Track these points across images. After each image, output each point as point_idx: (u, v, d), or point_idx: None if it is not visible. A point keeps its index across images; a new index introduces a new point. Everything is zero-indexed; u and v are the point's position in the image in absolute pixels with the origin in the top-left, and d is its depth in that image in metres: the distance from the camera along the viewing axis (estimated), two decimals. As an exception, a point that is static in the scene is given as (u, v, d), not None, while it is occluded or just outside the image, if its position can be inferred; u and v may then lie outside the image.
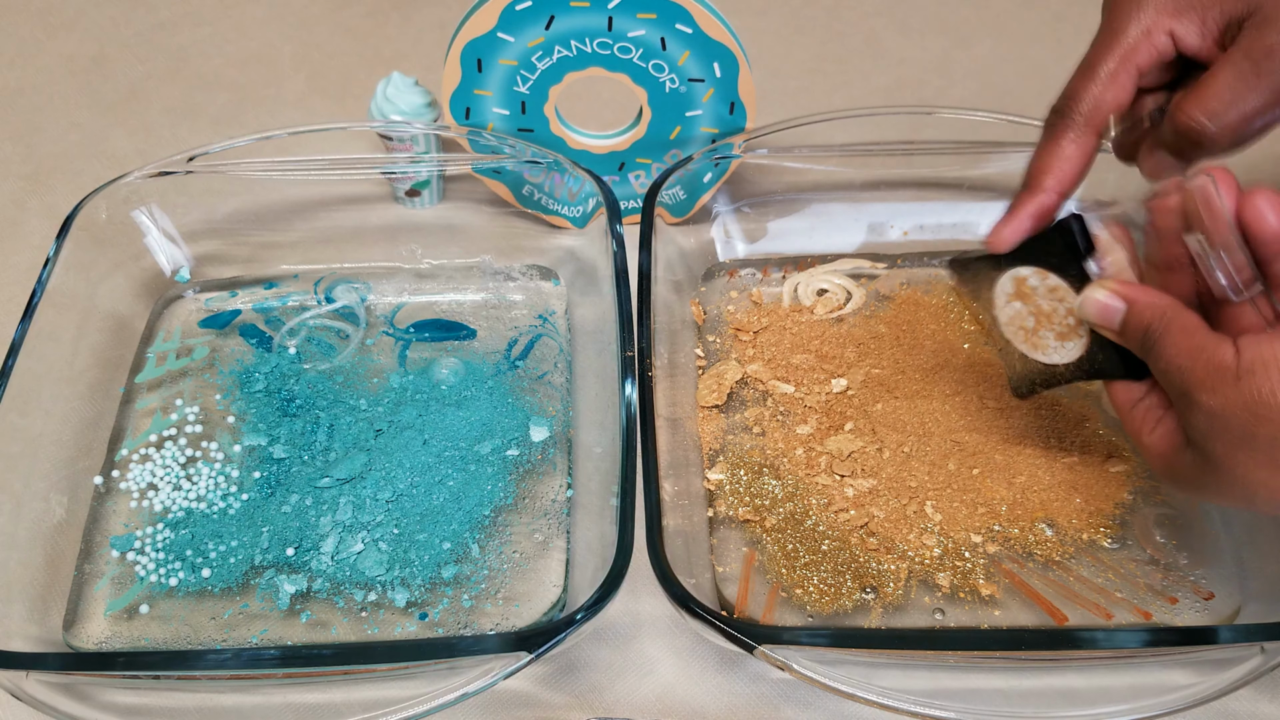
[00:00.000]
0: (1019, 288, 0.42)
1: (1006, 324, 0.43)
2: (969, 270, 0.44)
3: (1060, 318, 0.41)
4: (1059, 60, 0.72)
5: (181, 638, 0.45)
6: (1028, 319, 0.42)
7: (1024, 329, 0.42)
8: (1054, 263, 0.41)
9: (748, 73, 0.55)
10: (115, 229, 0.55)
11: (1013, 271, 0.42)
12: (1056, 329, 0.41)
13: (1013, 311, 0.42)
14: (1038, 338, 0.42)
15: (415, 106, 0.59)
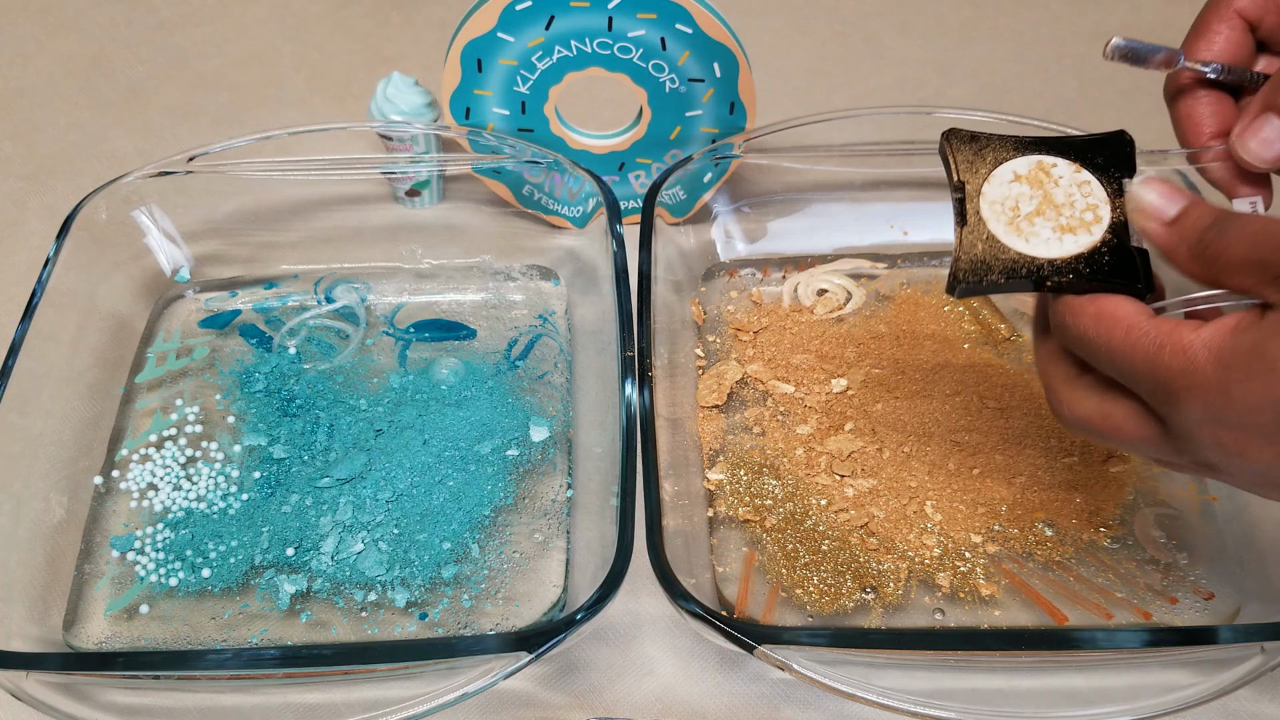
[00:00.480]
0: (1037, 171, 0.38)
1: (992, 201, 0.37)
2: (975, 142, 0.39)
3: (1076, 210, 0.36)
4: (1058, 60, 0.73)
5: (181, 638, 0.45)
6: (1027, 202, 0.37)
7: (1013, 210, 0.37)
8: (1097, 162, 0.37)
9: (748, 73, 0.55)
10: (115, 229, 0.55)
11: (1040, 156, 0.38)
12: (1063, 220, 0.36)
13: (1009, 191, 0.37)
14: (1028, 223, 0.37)
15: (415, 106, 0.59)
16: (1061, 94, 0.70)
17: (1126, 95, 0.69)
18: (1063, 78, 0.71)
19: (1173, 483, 0.49)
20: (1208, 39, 0.39)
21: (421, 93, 0.59)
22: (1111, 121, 0.71)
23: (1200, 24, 0.40)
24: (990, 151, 0.38)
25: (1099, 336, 0.33)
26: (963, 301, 0.56)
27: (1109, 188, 0.37)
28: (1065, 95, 0.70)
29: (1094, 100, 0.69)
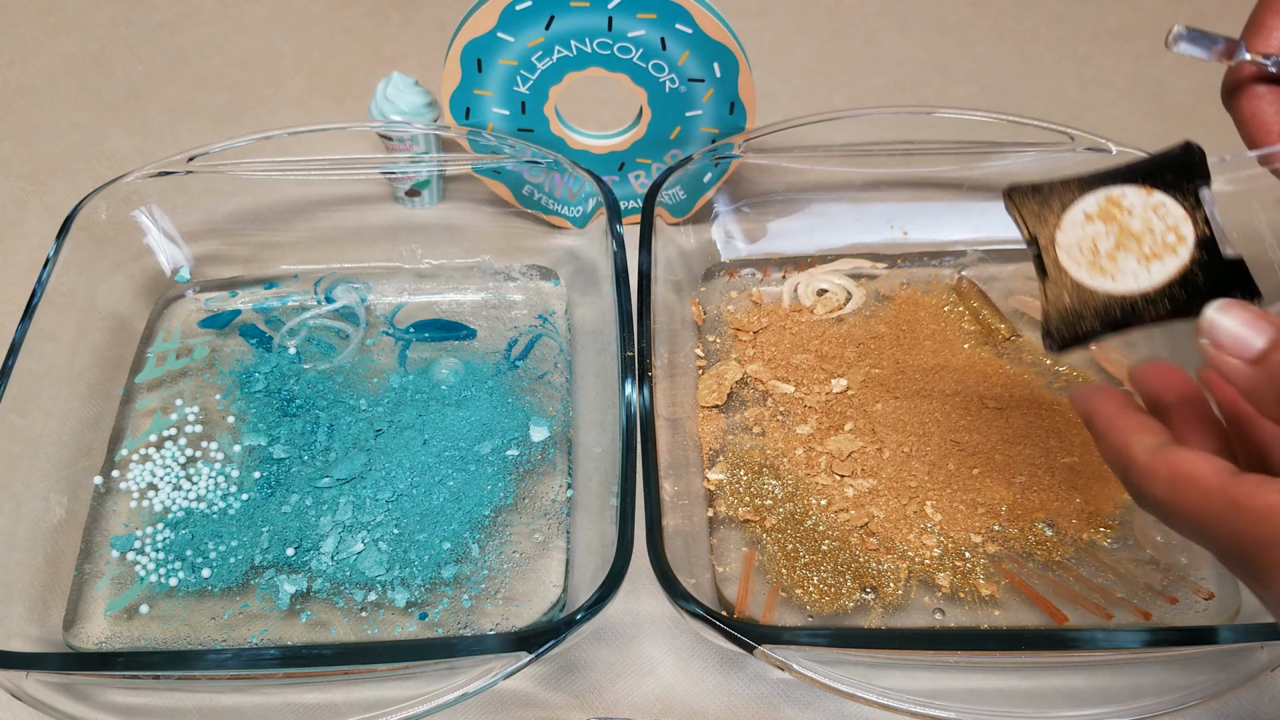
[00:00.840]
0: (1108, 207, 0.36)
1: (1068, 248, 0.35)
2: (1038, 193, 0.37)
3: (1157, 235, 0.35)
4: (1058, 60, 0.73)
5: (181, 638, 0.45)
6: (1105, 240, 0.35)
7: (1092, 252, 0.35)
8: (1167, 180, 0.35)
9: (748, 73, 0.55)
10: (115, 229, 0.55)
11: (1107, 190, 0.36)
12: (1145, 249, 0.35)
13: (1083, 233, 0.36)
14: (1110, 261, 0.35)
15: (415, 106, 0.59)
16: (1061, 94, 0.70)
17: (1126, 95, 0.69)
18: (1063, 77, 0.71)
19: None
20: (1264, 34, 0.39)
21: (421, 93, 0.59)
22: (1111, 120, 0.71)
23: (1256, 20, 0.39)
24: (1055, 198, 0.37)
25: (1177, 501, 0.29)
26: (962, 301, 0.56)
27: (1185, 203, 0.35)
28: (1065, 95, 0.70)
29: (1094, 100, 0.69)
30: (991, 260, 0.58)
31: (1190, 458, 0.29)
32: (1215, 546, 0.28)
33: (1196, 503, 0.28)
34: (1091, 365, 0.53)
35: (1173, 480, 0.29)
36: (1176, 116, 0.67)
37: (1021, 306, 0.56)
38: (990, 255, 0.58)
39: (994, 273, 0.57)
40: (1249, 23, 0.40)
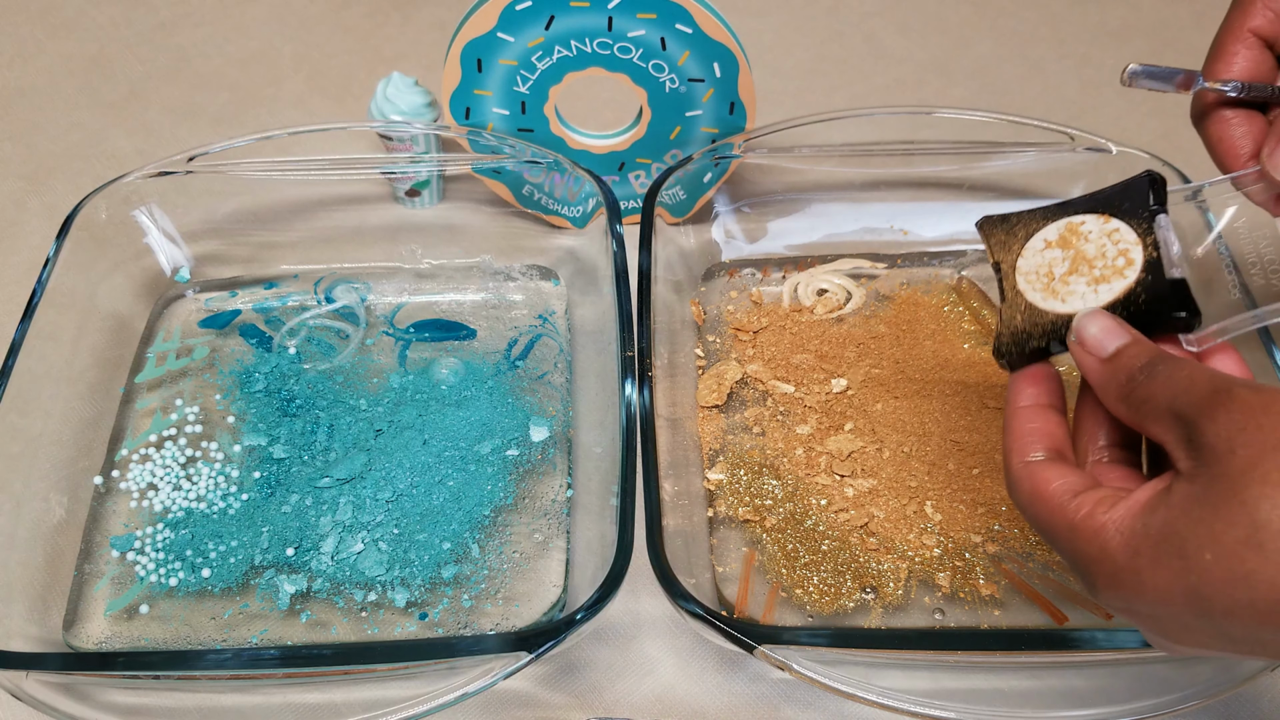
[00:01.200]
0: (1067, 234, 0.38)
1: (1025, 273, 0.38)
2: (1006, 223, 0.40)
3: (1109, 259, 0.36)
4: (1058, 60, 0.73)
5: (181, 638, 0.45)
6: (1060, 265, 0.37)
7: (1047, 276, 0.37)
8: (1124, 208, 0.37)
9: (748, 73, 0.55)
10: (115, 229, 0.55)
11: (1068, 218, 0.38)
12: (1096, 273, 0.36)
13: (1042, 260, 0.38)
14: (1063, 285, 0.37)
15: (415, 106, 0.59)
16: (1061, 93, 0.70)
17: (1126, 95, 0.69)
18: (1063, 77, 0.71)
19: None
20: (1226, 60, 0.39)
21: (421, 93, 0.59)
22: (1111, 120, 0.71)
23: (1217, 46, 0.40)
24: (1021, 228, 0.39)
25: (1032, 514, 0.32)
26: (962, 301, 0.56)
27: (1139, 228, 0.36)
28: (1065, 95, 0.70)
29: (1094, 100, 0.69)
30: (991, 260, 0.58)
31: (1045, 476, 0.31)
32: (1060, 551, 0.31)
33: (1045, 516, 0.31)
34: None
35: (1031, 494, 0.32)
36: (1176, 116, 0.67)
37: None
38: (990, 255, 0.58)
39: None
40: (1212, 48, 0.40)
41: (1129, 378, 0.30)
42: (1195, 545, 0.26)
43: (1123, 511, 0.29)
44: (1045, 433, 0.33)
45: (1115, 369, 0.31)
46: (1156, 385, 0.29)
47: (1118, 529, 0.28)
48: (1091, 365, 0.32)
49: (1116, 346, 0.32)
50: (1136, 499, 0.29)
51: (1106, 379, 0.32)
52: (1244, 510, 0.25)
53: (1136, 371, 0.30)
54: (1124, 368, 0.31)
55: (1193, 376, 0.29)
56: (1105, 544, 0.28)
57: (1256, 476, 0.25)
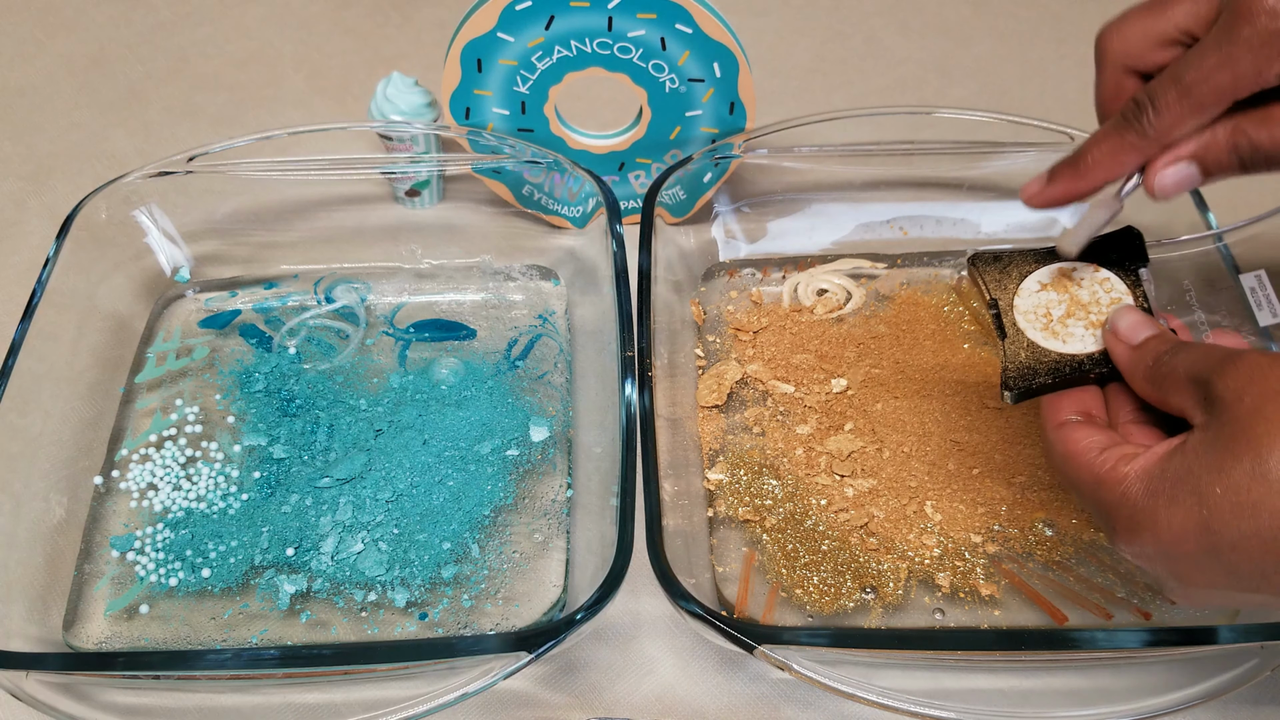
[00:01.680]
0: (1059, 278, 0.41)
1: (1025, 311, 0.41)
2: (999, 262, 0.42)
3: (1102, 305, 0.40)
4: (1058, 60, 0.72)
5: (181, 638, 0.45)
6: (1056, 307, 0.40)
7: (1045, 316, 0.40)
8: (1111, 258, 0.41)
9: (748, 73, 0.55)
10: (115, 229, 0.55)
11: (1059, 264, 0.41)
12: (1092, 318, 0.40)
13: (1038, 300, 0.41)
14: (1062, 326, 0.40)
15: (415, 106, 0.59)
16: (1061, 93, 0.70)
17: (1126, 95, 0.69)
18: (1062, 77, 0.71)
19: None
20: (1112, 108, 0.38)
21: (421, 93, 0.59)
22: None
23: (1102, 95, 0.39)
24: (1014, 267, 0.42)
25: (1065, 472, 0.35)
26: (963, 301, 0.56)
27: (1127, 279, 0.40)
28: (1065, 95, 0.70)
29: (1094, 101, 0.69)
30: (991, 260, 0.58)
31: (1075, 437, 0.35)
32: (1089, 506, 0.35)
33: (1074, 472, 0.35)
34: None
35: (1064, 455, 0.35)
36: (1176, 116, 0.67)
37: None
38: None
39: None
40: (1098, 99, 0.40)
41: (1155, 359, 0.34)
42: (1207, 482, 0.29)
43: (1143, 462, 0.32)
44: (1077, 399, 0.37)
45: (1143, 353, 0.35)
46: (1178, 360, 0.33)
47: (1138, 476, 0.32)
48: (1122, 351, 0.37)
49: (1145, 336, 0.36)
50: (1155, 451, 0.32)
51: (1135, 362, 0.36)
52: (1250, 447, 0.28)
53: (1162, 354, 0.34)
54: (1151, 351, 0.35)
55: (1210, 349, 0.32)
56: (1126, 490, 0.32)
57: (1261, 417, 0.28)
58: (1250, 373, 0.30)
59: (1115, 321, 0.37)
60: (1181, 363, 0.33)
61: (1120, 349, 0.37)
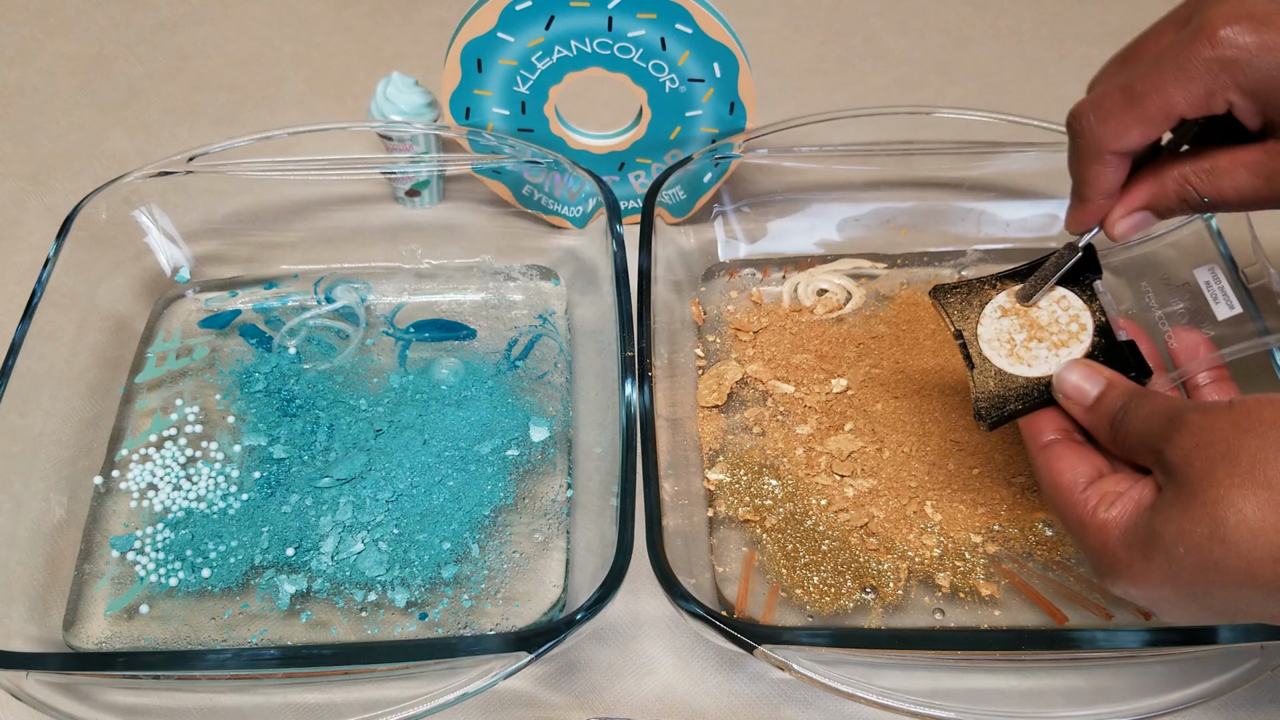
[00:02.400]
0: (1018, 302, 0.42)
1: (988, 340, 0.42)
2: (957, 292, 0.43)
3: (1062, 325, 0.41)
4: (1059, 60, 0.72)
5: (181, 638, 0.45)
6: (1018, 333, 0.41)
7: (1009, 342, 0.41)
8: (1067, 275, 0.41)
9: (748, 73, 0.55)
10: (115, 229, 0.55)
11: (1016, 285, 0.42)
12: (1054, 339, 0.41)
13: (1000, 327, 0.42)
14: (1025, 350, 0.41)
15: (415, 106, 0.59)
16: (1061, 93, 0.70)
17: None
18: (1063, 77, 0.71)
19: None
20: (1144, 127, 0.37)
21: (421, 93, 0.59)
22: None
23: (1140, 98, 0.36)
24: (975, 295, 0.43)
25: (1053, 502, 0.36)
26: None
27: (1083, 295, 0.41)
28: (1065, 94, 0.70)
29: (1094, 100, 0.69)
30: (991, 260, 0.58)
31: (1060, 467, 0.36)
32: (1075, 541, 0.35)
33: (1061, 507, 0.35)
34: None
35: (1051, 484, 0.36)
36: (1176, 116, 0.67)
37: (1021, 306, 0.56)
38: (990, 255, 0.58)
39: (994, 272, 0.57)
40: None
41: (1110, 424, 0.35)
42: (1171, 542, 0.31)
43: (1120, 512, 0.33)
44: (1053, 418, 0.38)
45: (1098, 416, 0.36)
46: (1130, 425, 0.34)
47: (1117, 526, 0.33)
48: (1079, 414, 0.37)
49: (1097, 393, 0.36)
50: (1131, 499, 0.33)
51: (1094, 426, 0.36)
52: (1205, 511, 0.30)
53: (1114, 416, 0.35)
54: (1105, 413, 0.36)
55: (1153, 411, 0.34)
56: (1108, 540, 0.33)
57: (1211, 483, 0.30)
58: (1195, 437, 0.31)
59: (1061, 383, 0.37)
60: (1134, 430, 0.34)
61: (1076, 411, 0.37)
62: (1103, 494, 0.34)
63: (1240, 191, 0.36)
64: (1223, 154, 0.37)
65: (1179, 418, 0.32)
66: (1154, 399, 0.34)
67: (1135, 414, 0.34)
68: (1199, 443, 0.31)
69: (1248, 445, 0.30)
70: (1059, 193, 0.57)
